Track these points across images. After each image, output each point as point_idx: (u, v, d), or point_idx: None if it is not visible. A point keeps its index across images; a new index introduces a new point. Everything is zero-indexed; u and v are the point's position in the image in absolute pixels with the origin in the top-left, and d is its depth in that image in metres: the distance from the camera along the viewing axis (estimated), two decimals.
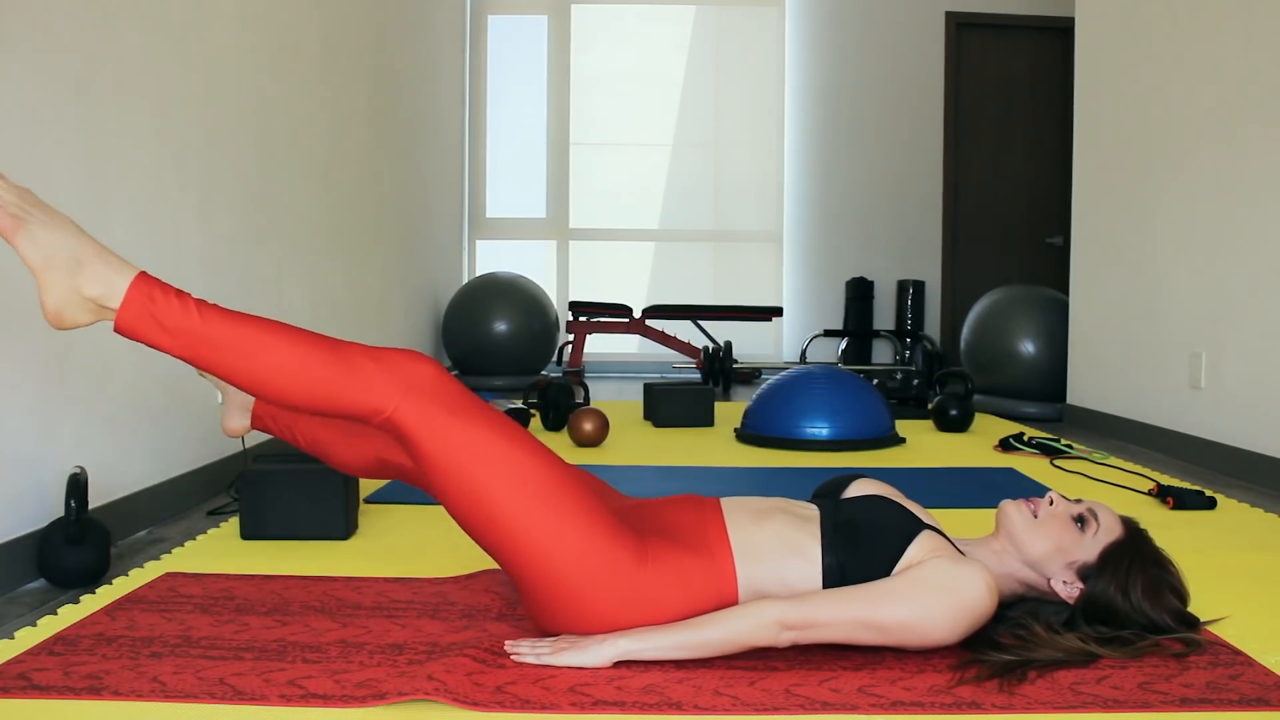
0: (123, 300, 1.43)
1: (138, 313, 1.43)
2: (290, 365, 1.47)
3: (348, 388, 1.48)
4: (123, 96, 2.40)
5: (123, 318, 1.44)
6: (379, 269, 4.87)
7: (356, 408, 1.49)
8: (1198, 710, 1.43)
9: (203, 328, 1.45)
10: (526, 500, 1.51)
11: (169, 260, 2.65)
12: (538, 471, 1.53)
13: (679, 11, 7.36)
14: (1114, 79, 4.45)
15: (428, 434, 1.50)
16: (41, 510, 2.09)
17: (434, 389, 1.50)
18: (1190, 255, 3.79)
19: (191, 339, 1.45)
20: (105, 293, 1.43)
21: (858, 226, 7.31)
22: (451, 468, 1.51)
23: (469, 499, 1.52)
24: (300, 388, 1.48)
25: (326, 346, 1.50)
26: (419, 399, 1.49)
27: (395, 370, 1.50)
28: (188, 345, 1.45)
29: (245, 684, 1.47)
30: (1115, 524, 1.68)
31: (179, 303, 1.45)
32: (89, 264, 1.43)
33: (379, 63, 4.81)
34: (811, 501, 1.75)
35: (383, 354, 1.52)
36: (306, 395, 1.48)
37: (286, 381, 1.47)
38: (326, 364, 1.47)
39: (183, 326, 1.44)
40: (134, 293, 1.44)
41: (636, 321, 6.76)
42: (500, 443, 1.52)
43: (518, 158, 7.41)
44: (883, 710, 1.41)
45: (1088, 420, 4.56)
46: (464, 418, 1.51)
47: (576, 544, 1.52)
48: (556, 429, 4.14)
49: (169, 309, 1.44)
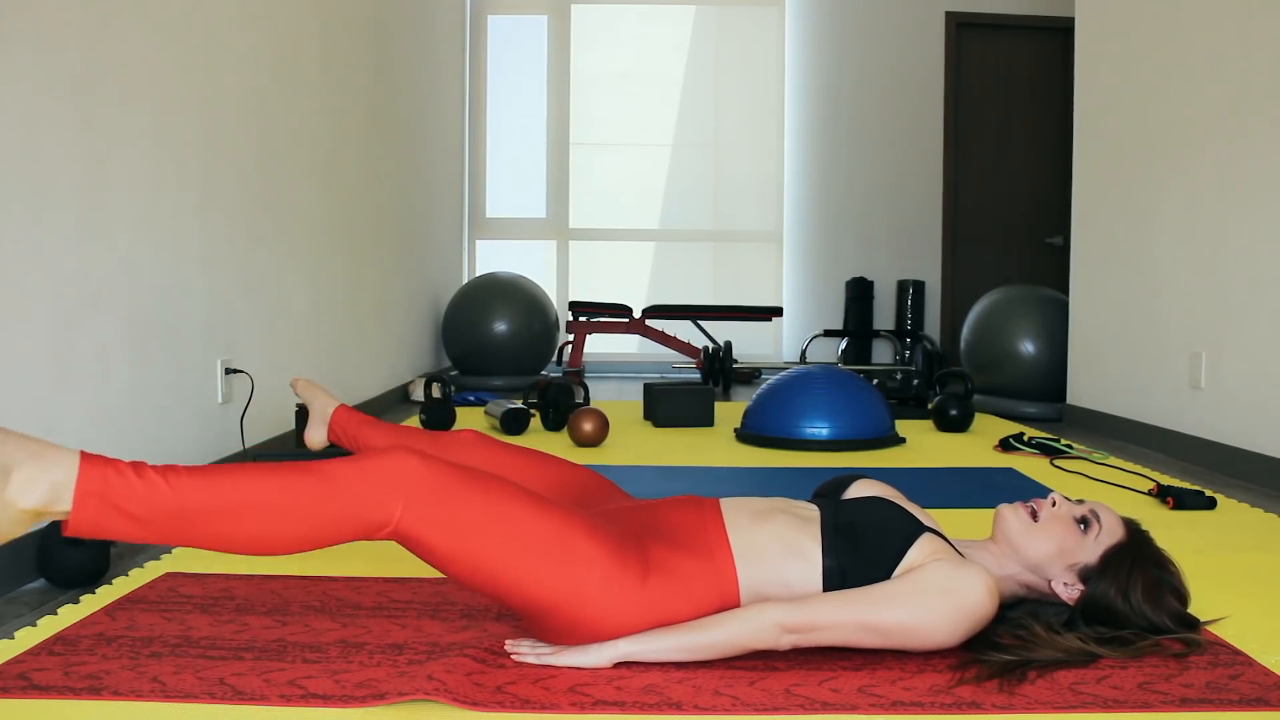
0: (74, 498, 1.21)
1: (96, 509, 1.22)
2: (285, 516, 1.34)
3: (347, 517, 1.39)
4: (123, 96, 2.40)
5: (77, 520, 1.22)
6: (379, 269, 4.87)
7: (361, 532, 1.41)
8: (1198, 710, 1.43)
9: (178, 502, 1.26)
10: (540, 561, 1.48)
11: (169, 261, 2.65)
12: (543, 528, 1.49)
13: (679, 11, 7.36)
14: (1114, 79, 4.45)
15: (434, 534, 1.44)
16: None
17: (426, 485, 1.43)
18: (1190, 255, 3.79)
19: (167, 519, 1.26)
20: (50, 496, 1.21)
21: (857, 226, 7.31)
22: (463, 555, 1.46)
23: (485, 576, 1.48)
24: (301, 534, 1.37)
25: (311, 477, 1.38)
26: (417, 503, 1.41)
27: (385, 481, 1.41)
28: (164, 527, 1.27)
29: (245, 684, 1.47)
30: (1117, 526, 1.68)
31: (140, 481, 1.25)
32: (16, 469, 1.21)
33: (379, 63, 4.82)
34: (811, 502, 1.75)
35: (364, 463, 1.42)
36: (309, 539, 1.39)
37: (285, 533, 1.36)
38: (320, 500, 1.36)
39: (154, 508, 1.25)
40: (86, 486, 1.22)
41: (636, 321, 6.76)
42: (500, 513, 1.48)
43: (518, 158, 7.41)
44: (883, 710, 1.41)
45: (1088, 420, 4.56)
46: (461, 504, 1.45)
47: (592, 587, 1.50)
48: (556, 429, 4.14)
49: (130, 493, 1.23)
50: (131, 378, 2.46)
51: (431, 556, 1.47)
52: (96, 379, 2.30)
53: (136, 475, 1.25)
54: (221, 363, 2.95)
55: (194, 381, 2.79)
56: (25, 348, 2.05)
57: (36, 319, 2.08)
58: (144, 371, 2.52)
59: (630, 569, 1.53)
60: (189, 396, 2.76)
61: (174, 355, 2.67)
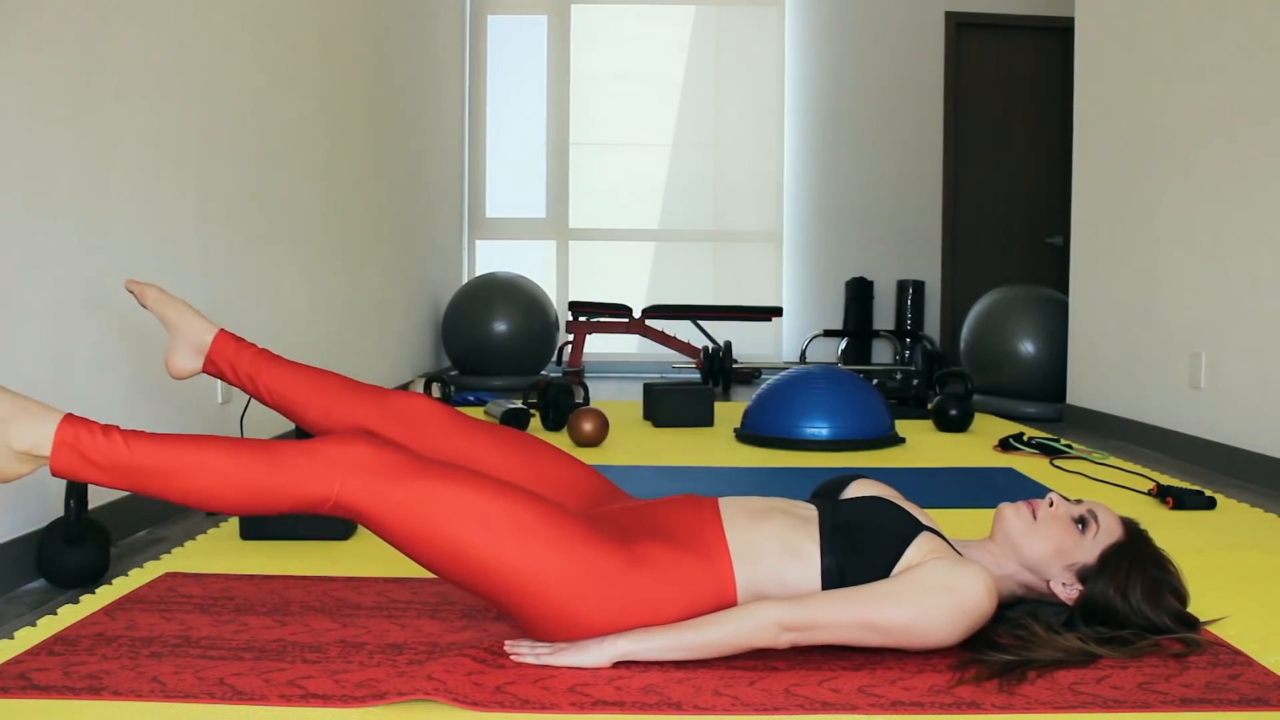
0: (51, 447, 1.48)
1: (69, 456, 1.48)
2: (225, 479, 1.49)
3: (286, 486, 1.49)
4: (123, 96, 2.40)
5: (55, 463, 1.48)
6: (379, 269, 4.87)
7: (301, 503, 1.50)
8: (1197, 710, 1.43)
9: (131, 459, 1.48)
10: (499, 541, 1.49)
11: (168, 261, 2.65)
12: (501, 509, 1.50)
13: (679, 11, 7.36)
14: (1114, 79, 4.45)
15: (379, 509, 1.49)
16: (41, 510, 2.09)
17: (372, 464, 1.49)
18: (1190, 255, 3.79)
19: (124, 471, 1.49)
20: (35, 443, 1.48)
21: (857, 226, 7.31)
22: (414, 533, 1.50)
23: (442, 556, 1.51)
24: (240, 497, 1.50)
25: (258, 452, 1.50)
26: (360, 478, 1.48)
27: (328, 458, 1.49)
28: (122, 477, 1.49)
29: (245, 684, 1.47)
30: (1115, 525, 1.68)
31: (105, 439, 1.48)
32: (13, 421, 1.47)
33: (379, 63, 4.82)
34: (810, 502, 1.75)
35: (315, 445, 1.51)
36: (248, 502, 1.51)
37: (225, 494, 1.50)
38: (261, 470, 1.49)
39: (113, 461, 1.48)
40: (61, 437, 1.48)
41: (636, 321, 6.76)
42: (456, 494, 1.49)
43: (517, 158, 7.41)
44: (882, 710, 1.41)
45: (1087, 420, 4.56)
46: (412, 481, 1.49)
47: (560, 566, 1.51)
48: (556, 429, 4.14)
49: (96, 446, 1.48)
50: (131, 378, 2.45)
51: (384, 533, 1.52)
52: (96, 379, 2.30)
53: (104, 435, 1.48)
54: None
55: (193, 381, 2.79)
56: (25, 348, 2.05)
57: (36, 319, 2.08)
58: (144, 371, 2.52)
59: (609, 555, 1.53)
60: (188, 396, 2.76)
61: None
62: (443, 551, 1.51)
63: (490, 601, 1.58)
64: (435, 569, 1.55)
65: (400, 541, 1.52)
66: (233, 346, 1.86)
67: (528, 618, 1.56)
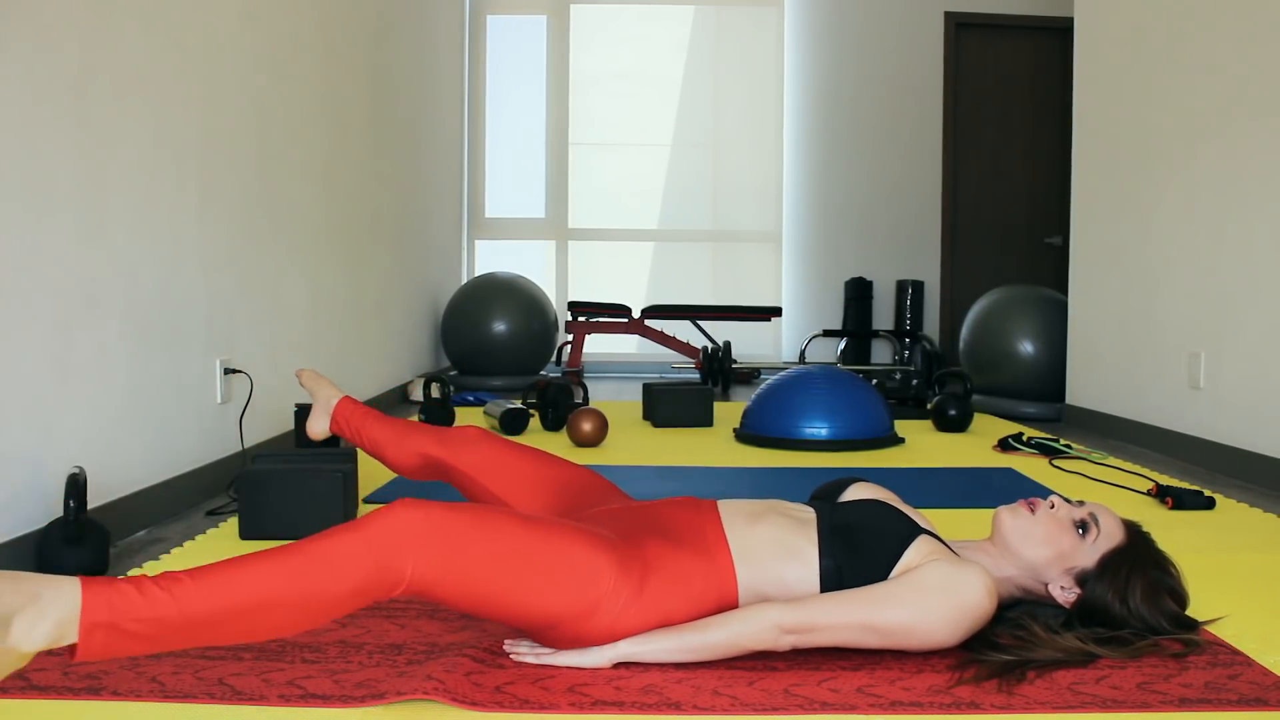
0: (80, 633, 1.20)
1: (104, 639, 1.21)
2: (297, 607, 1.32)
3: (359, 591, 1.36)
4: (122, 96, 2.40)
5: (86, 651, 1.21)
6: (378, 269, 4.87)
7: (376, 599, 1.39)
8: (1197, 710, 1.43)
9: (181, 613, 1.24)
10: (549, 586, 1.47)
11: (168, 261, 2.65)
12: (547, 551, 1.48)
13: (678, 11, 7.36)
14: (1113, 79, 4.46)
15: (447, 584, 1.42)
16: (41, 510, 2.09)
17: (430, 539, 1.39)
18: (1189, 255, 3.79)
19: (177, 633, 1.25)
20: (55, 634, 1.19)
21: (857, 226, 7.31)
22: (476, 596, 1.45)
23: (499, 609, 1.48)
24: (315, 618, 1.36)
25: (317, 564, 1.33)
26: (425, 559, 1.38)
27: (390, 545, 1.37)
28: (176, 640, 1.27)
29: (244, 684, 1.47)
30: (1116, 529, 1.68)
31: (143, 599, 1.22)
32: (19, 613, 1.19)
33: (378, 63, 4.82)
34: (808, 504, 1.75)
35: (369, 532, 1.37)
36: (325, 618, 1.37)
37: (300, 622, 1.35)
38: (328, 582, 1.33)
39: (161, 625, 1.23)
40: (90, 617, 1.20)
41: (635, 321, 6.76)
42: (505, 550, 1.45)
43: (517, 158, 7.41)
44: (882, 710, 1.42)
45: (1087, 420, 4.56)
46: (466, 549, 1.43)
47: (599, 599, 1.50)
48: (556, 429, 4.14)
49: (135, 614, 1.21)
50: (131, 378, 2.45)
51: (446, 601, 1.45)
52: (96, 379, 2.30)
53: (140, 594, 1.23)
54: (220, 363, 2.95)
55: (193, 381, 2.79)
56: (25, 348, 2.05)
57: (36, 319, 2.08)
58: (143, 371, 2.52)
59: (632, 574, 1.53)
60: (188, 396, 2.76)
61: (173, 355, 2.67)
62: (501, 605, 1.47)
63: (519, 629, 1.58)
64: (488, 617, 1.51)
65: (462, 605, 1.46)
66: (349, 408, 2.17)
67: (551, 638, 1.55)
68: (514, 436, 3.97)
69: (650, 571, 1.55)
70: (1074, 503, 1.72)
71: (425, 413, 4.04)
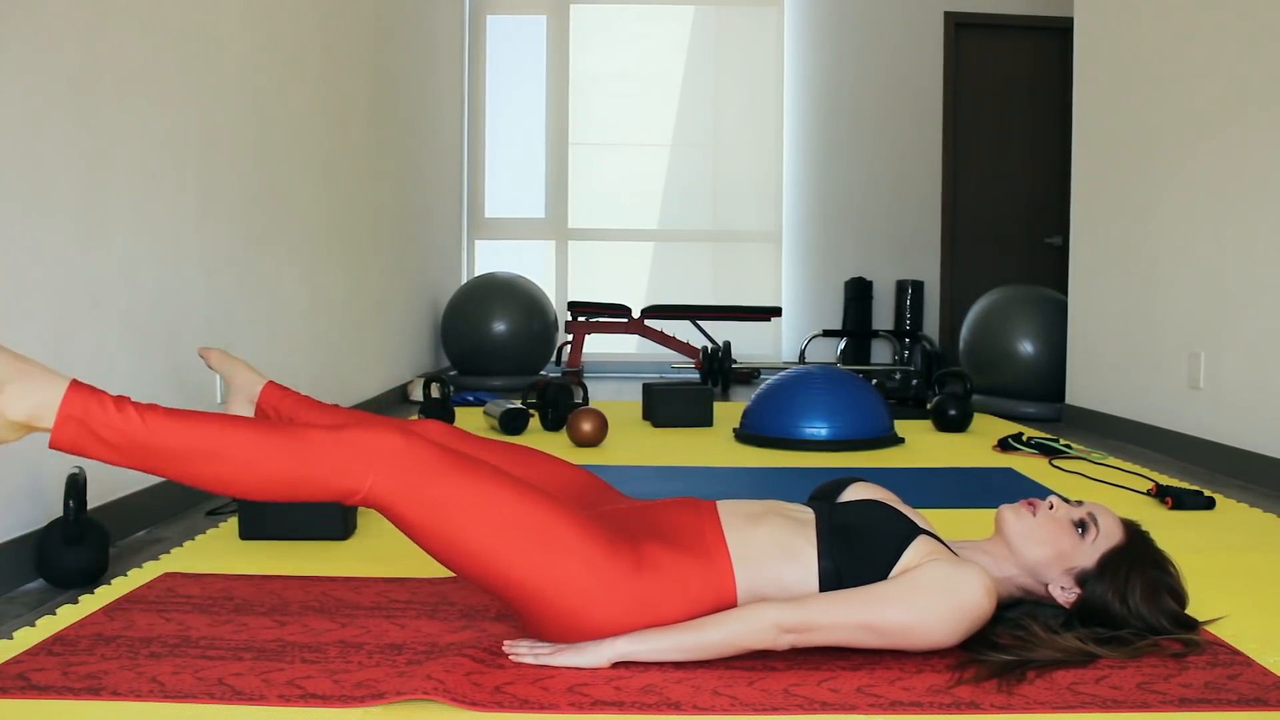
0: (56, 419, 1.35)
1: (75, 431, 1.35)
2: (249, 467, 1.42)
3: (314, 477, 1.43)
4: (123, 96, 2.40)
5: (58, 437, 1.36)
6: (378, 269, 4.87)
7: (328, 494, 1.45)
8: (1196, 710, 1.43)
9: (148, 438, 1.37)
10: (518, 543, 1.49)
11: (168, 261, 2.65)
12: (523, 510, 1.51)
13: (678, 11, 7.36)
14: (1113, 79, 4.46)
15: (407, 505, 1.47)
16: (40, 510, 2.09)
17: (405, 460, 1.46)
18: (1189, 255, 3.79)
19: (137, 450, 1.38)
20: (34, 413, 1.35)
21: (856, 226, 7.31)
22: (438, 530, 1.49)
23: (462, 554, 1.51)
24: (263, 486, 1.43)
25: (287, 439, 1.44)
26: (391, 473, 1.45)
27: (361, 449, 1.45)
28: (134, 457, 1.39)
29: (244, 684, 1.47)
30: (1116, 529, 1.68)
31: (118, 413, 1.37)
32: (11, 384, 1.34)
33: (378, 63, 4.82)
34: (807, 505, 1.75)
35: (345, 433, 1.46)
36: (271, 491, 1.44)
37: (247, 483, 1.43)
38: (289, 459, 1.42)
39: (127, 438, 1.37)
40: (68, 409, 1.35)
41: (635, 321, 6.76)
42: (480, 494, 1.49)
43: (517, 158, 7.41)
44: (881, 710, 1.42)
45: (1086, 420, 4.56)
46: (440, 480, 1.48)
47: (575, 571, 1.51)
48: (555, 429, 4.14)
49: (107, 421, 1.36)
50: (130, 378, 2.45)
51: (409, 530, 1.50)
52: (95, 379, 2.29)
53: (116, 408, 1.37)
54: None
55: (192, 381, 2.79)
56: (25, 348, 2.05)
57: (36, 319, 2.08)
58: (143, 371, 2.52)
59: (621, 560, 1.54)
60: (187, 397, 2.76)
61: (173, 355, 2.67)
62: (464, 551, 1.51)
63: (501, 599, 1.58)
64: (451, 566, 1.55)
65: (423, 538, 1.51)
66: (278, 395, 1.97)
67: (536, 618, 1.56)
68: (513, 437, 3.97)
69: (645, 566, 1.55)
70: (1073, 503, 1.72)
71: (425, 413, 4.04)
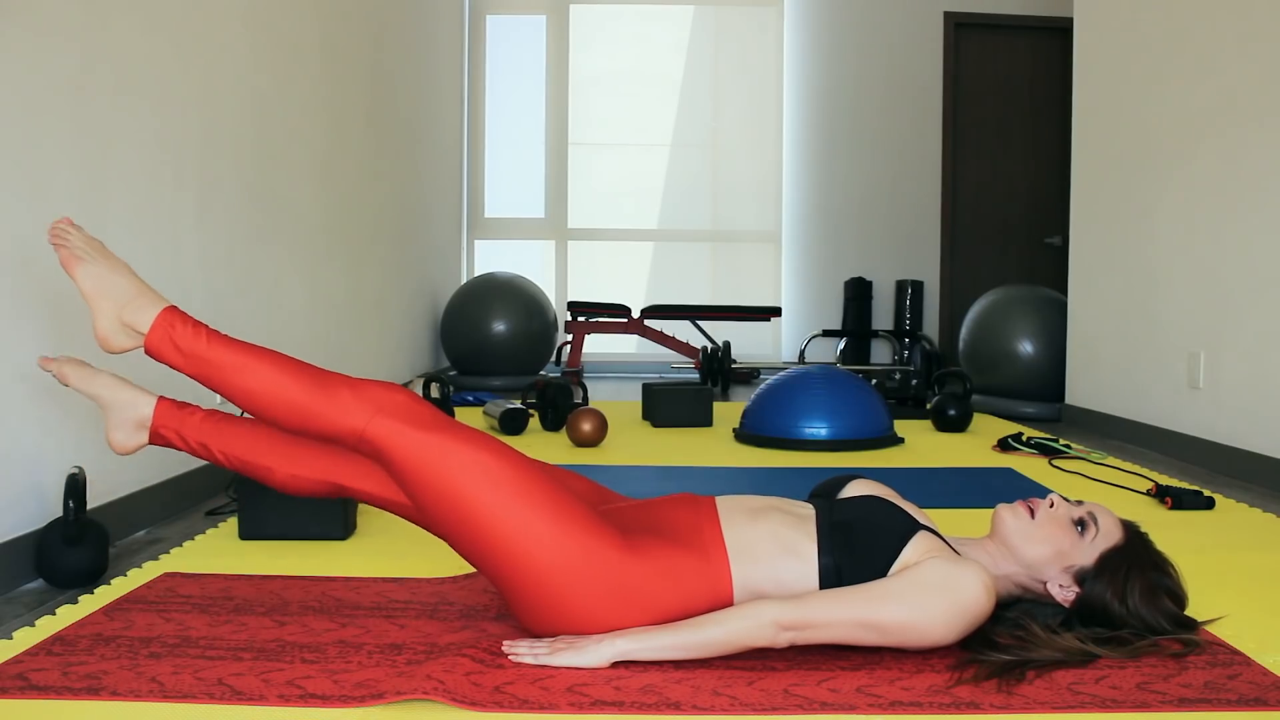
0: (149, 327, 1.68)
1: (160, 337, 1.67)
2: (275, 388, 1.64)
3: (326, 411, 1.62)
4: (122, 96, 2.40)
5: (149, 341, 1.69)
6: (378, 269, 4.87)
7: (335, 428, 1.63)
8: (1196, 710, 1.43)
9: (207, 352, 1.66)
10: (500, 498, 1.56)
11: (167, 260, 2.65)
12: (509, 471, 1.59)
13: (677, 11, 7.36)
14: (1112, 79, 4.46)
15: (401, 449, 1.59)
16: (40, 510, 2.09)
17: (405, 411, 1.62)
18: (1189, 255, 3.79)
19: (198, 361, 1.67)
20: (139, 320, 1.68)
21: (856, 226, 7.31)
22: (426, 476, 1.59)
23: (445, 505, 1.59)
24: (283, 408, 1.64)
25: (311, 374, 1.66)
26: (391, 419, 1.61)
27: (370, 396, 1.63)
28: (195, 366, 1.67)
29: (244, 684, 1.47)
30: (1115, 528, 1.68)
31: (193, 331, 1.67)
32: (133, 298, 1.69)
33: (378, 63, 4.81)
34: (807, 501, 1.75)
35: (361, 383, 1.66)
36: (289, 415, 1.64)
37: (271, 401, 1.64)
38: (308, 389, 1.64)
39: (193, 350, 1.66)
40: (159, 321, 1.67)
41: (635, 322, 6.76)
42: (470, 449, 1.59)
43: (516, 158, 7.41)
44: (881, 710, 1.42)
45: (1086, 420, 4.56)
46: (434, 432, 1.60)
47: (551, 535, 1.55)
48: (555, 429, 4.14)
49: (184, 335, 1.67)
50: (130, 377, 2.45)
51: (401, 475, 1.61)
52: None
53: (193, 327, 1.68)
54: None
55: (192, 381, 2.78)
56: (24, 348, 2.05)
57: (36, 318, 2.08)
58: (142, 371, 2.51)
59: (609, 540, 1.57)
60: (187, 397, 2.75)
61: None
62: (451, 505, 1.58)
63: (483, 568, 1.61)
64: (438, 524, 1.63)
65: (414, 486, 1.61)
66: (177, 414, 1.79)
67: (518, 590, 1.58)
68: (514, 437, 3.97)
69: (635, 552, 1.57)
70: (1072, 502, 1.72)
71: None
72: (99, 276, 1.69)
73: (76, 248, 1.69)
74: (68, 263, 1.69)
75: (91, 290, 1.69)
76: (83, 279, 1.69)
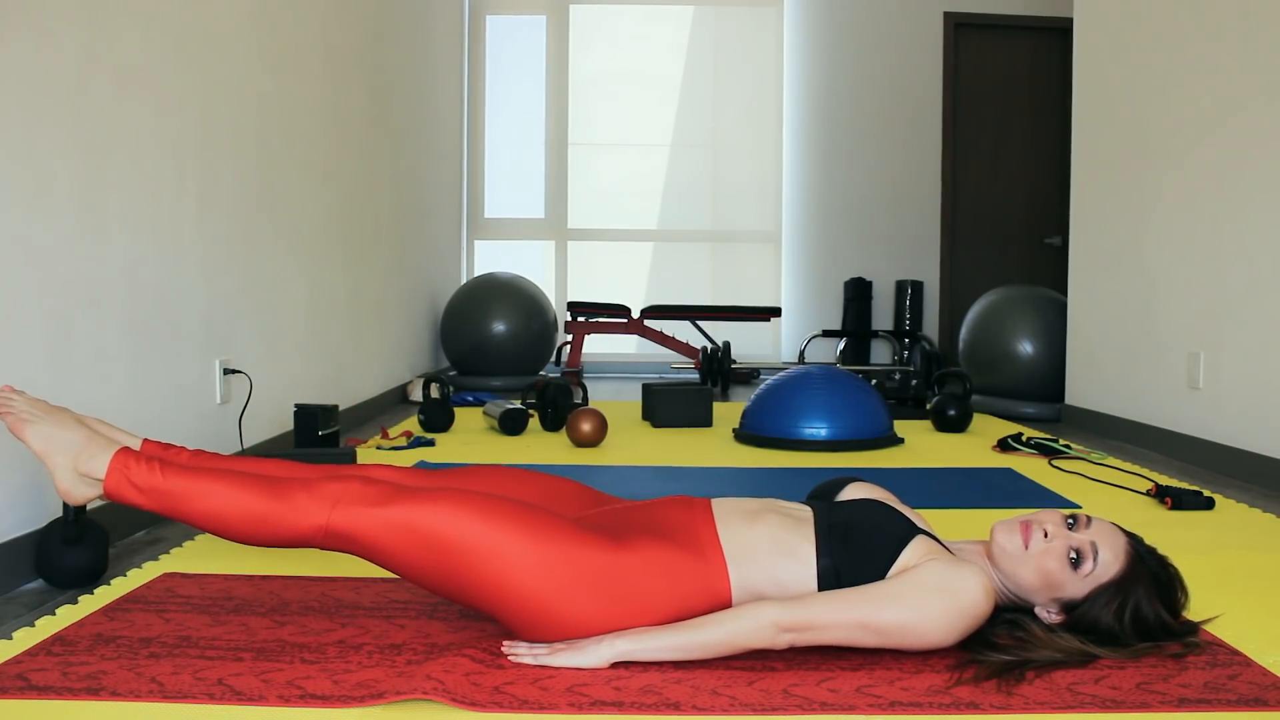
0: (104, 473, 1.68)
1: (116, 480, 1.67)
2: (232, 506, 1.63)
3: (286, 515, 1.62)
4: (122, 96, 2.40)
5: (106, 486, 1.68)
6: (378, 269, 4.87)
7: (298, 531, 1.62)
8: (1196, 710, 1.43)
9: (163, 484, 1.65)
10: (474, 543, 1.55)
11: (167, 261, 2.65)
12: (474, 514, 1.57)
13: (677, 11, 7.36)
14: (1112, 79, 4.46)
15: (366, 533, 1.59)
16: (40, 510, 2.09)
17: (360, 497, 1.61)
18: (1189, 255, 3.79)
19: (156, 494, 1.66)
20: (93, 468, 1.68)
21: (856, 227, 7.31)
22: (398, 550, 1.59)
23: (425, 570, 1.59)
24: (245, 524, 1.63)
25: (264, 485, 1.65)
26: (349, 506, 1.60)
27: (324, 492, 1.62)
28: (155, 500, 1.66)
29: (243, 684, 1.47)
30: (1115, 561, 1.60)
31: (146, 467, 1.67)
32: (83, 448, 1.69)
33: (378, 63, 4.82)
34: (805, 504, 1.75)
35: (312, 481, 1.65)
36: (253, 530, 1.64)
37: (232, 519, 1.64)
38: (264, 499, 1.63)
39: (150, 485, 1.66)
40: (113, 465, 1.67)
41: (635, 322, 6.76)
42: (431, 508, 1.58)
43: (516, 158, 7.41)
44: (881, 710, 1.42)
45: (1086, 420, 4.56)
46: (393, 505, 1.59)
47: (536, 560, 1.54)
48: (555, 429, 4.14)
49: (139, 473, 1.67)
50: (130, 378, 2.45)
51: (379, 555, 1.60)
52: (95, 380, 2.30)
53: (146, 464, 1.67)
54: (220, 363, 2.95)
55: (192, 382, 2.79)
56: (24, 348, 2.05)
57: (35, 320, 2.08)
58: (142, 372, 2.52)
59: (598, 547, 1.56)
60: (187, 397, 2.76)
61: (172, 356, 2.67)
62: (432, 567, 1.57)
63: (488, 611, 1.59)
64: (428, 586, 1.62)
65: (390, 563, 1.61)
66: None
67: (513, 614, 1.57)
68: (513, 437, 3.97)
69: (626, 556, 1.56)
70: (1081, 522, 1.64)
71: (424, 413, 4.04)
72: (48, 436, 1.70)
73: (22, 411, 1.71)
74: (15, 428, 1.70)
75: (43, 449, 1.70)
76: (33, 440, 1.70)
